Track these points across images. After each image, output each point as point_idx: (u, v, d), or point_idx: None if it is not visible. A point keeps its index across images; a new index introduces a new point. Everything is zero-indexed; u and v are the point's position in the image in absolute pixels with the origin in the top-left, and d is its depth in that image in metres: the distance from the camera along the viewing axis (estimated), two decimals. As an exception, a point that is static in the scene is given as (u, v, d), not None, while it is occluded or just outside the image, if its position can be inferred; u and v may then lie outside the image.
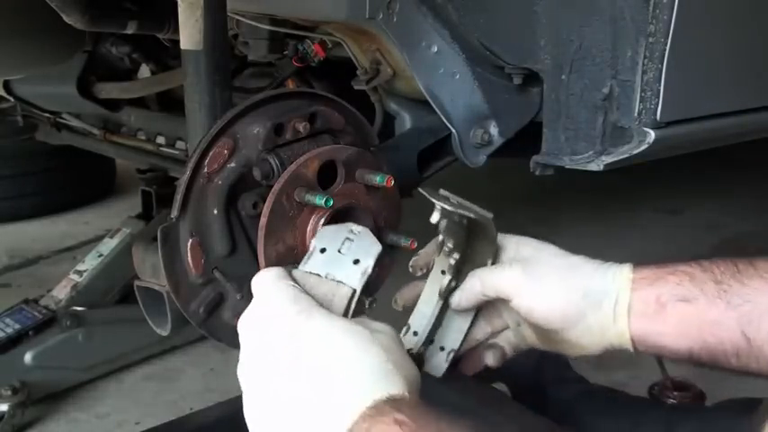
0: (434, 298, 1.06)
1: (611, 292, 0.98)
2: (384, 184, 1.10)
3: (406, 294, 1.13)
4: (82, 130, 2.34)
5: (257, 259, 1.06)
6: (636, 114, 1.13)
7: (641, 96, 1.13)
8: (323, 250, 0.90)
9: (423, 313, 1.07)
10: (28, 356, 2.05)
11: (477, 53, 1.26)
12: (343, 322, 0.84)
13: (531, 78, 1.25)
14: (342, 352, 0.80)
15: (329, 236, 0.92)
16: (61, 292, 2.26)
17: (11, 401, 1.93)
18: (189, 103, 1.20)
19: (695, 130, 1.24)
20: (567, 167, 1.21)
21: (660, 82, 1.12)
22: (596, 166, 1.18)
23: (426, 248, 1.12)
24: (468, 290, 1.04)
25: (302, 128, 1.10)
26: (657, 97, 1.13)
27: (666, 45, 1.11)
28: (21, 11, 1.63)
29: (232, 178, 1.07)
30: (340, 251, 0.90)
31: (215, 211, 1.06)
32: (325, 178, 1.09)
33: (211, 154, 1.06)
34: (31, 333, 2.08)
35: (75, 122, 2.33)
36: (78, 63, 1.90)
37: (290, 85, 1.61)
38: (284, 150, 1.09)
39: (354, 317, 0.88)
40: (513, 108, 1.29)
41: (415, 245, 1.12)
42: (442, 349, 1.07)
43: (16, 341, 2.06)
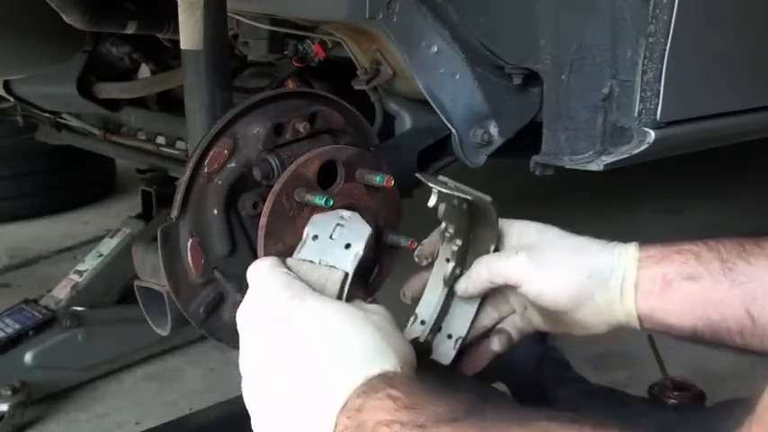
0: (440, 286, 1.06)
1: (617, 270, 0.99)
2: (384, 184, 1.10)
3: (413, 285, 1.14)
4: (82, 130, 2.34)
5: (257, 259, 1.06)
6: (636, 114, 1.14)
7: (641, 96, 1.13)
8: (315, 237, 0.92)
9: (429, 302, 1.07)
10: (28, 356, 2.05)
11: (478, 53, 1.26)
12: (336, 304, 0.86)
13: (531, 78, 1.25)
14: (334, 332, 0.82)
15: (321, 223, 0.93)
16: (61, 292, 2.26)
17: (11, 401, 1.93)
18: (189, 103, 1.20)
19: (695, 130, 1.24)
20: (567, 167, 1.21)
21: (660, 82, 1.12)
22: (596, 166, 1.18)
23: (430, 237, 1.13)
24: (475, 277, 1.05)
25: (302, 128, 1.10)
26: (657, 97, 1.13)
27: (666, 45, 1.11)
28: (21, 11, 1.63)
29: (232, 178, 1.07)
30: (332, 237, 0.91)
31: (215, 211, 1.06)
32: (326, 178, 1.09)
33: (211, 154, 1.06)
34: (31, 333, 2.08)
35: (75, 122, 2.33)
36: (78, 63, 1.90)
37: (290, 85, 1.61)
38: (284, 150, 1.09)
39: (349, 300, 0.89)
40: (513, 108, 1.29)
41: (415, 245, 1.12)
42: (449, 337, 1.08)
43: (16, 341, 2.06)
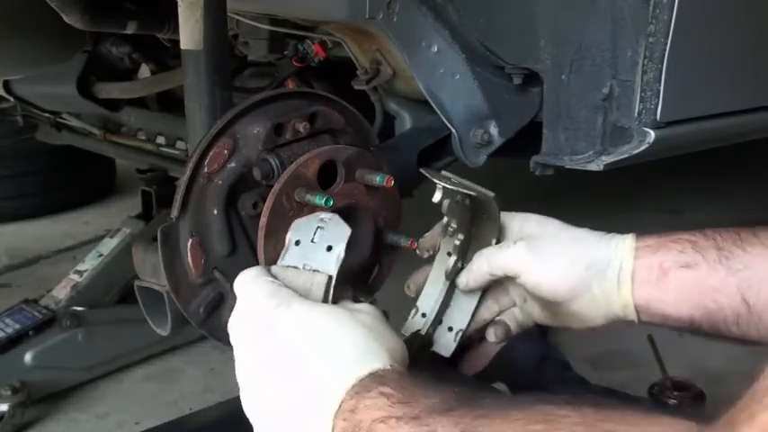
0: (441, 279, 1.07)
1: (614, 260, 0.99)
2: (384, 184, 1.10)
3: (417, 279, 1.14)
4: (82, 130, 2.34)
5: (257, 259, 1.06)
6: (636, 114, 1.14)
7: (641, 96, 1.13)
8: (297, 242, 0.92)
9: (430, 295, 1.08)
10: (28, 356, 2.05)
11: (478, 53, 1.26)
12: (322, 307, 0.86)
13: (531, 78, 1.25)
14: (321, 336, 0.82)
15: (302, 227, 0.93)
16: (61, 292, 2.26)
17: (11, 401, 1.93)
18: (189, 103, 1.20)
19: (695, 130, 1.24)
20: (567, 167, 1.21)
21: (660, 82, 1.12)
22: (596, 166, 1.18)
23: (432, 231, 1.13)
24: (476, 270, 1.06)
25: (302, 128, 1.10)
26: (657, 97, 1.13)
27: (666, 45, 1.11)
28: (21, 11, 1.63)
29: (232, 178, 1.07)
30: (313, 240, 0.91)
31: (215, 211, 1.06)
32: (326, 178, 1.09)
33: (211, 154, 1.06)
34: (31, 333, 2.08)
35: (75, 122, 2.33)
36: (78, 63, 1.90)
37: (290, 85, 1.61)
38: (284, 150, 1.09)
39: (336, 302, 0.90)
40: (513, 108, 1.29)
41: (416, 245, 1.13)
42: (450, 329, 1.09)
43: (16, 341, 2.06)
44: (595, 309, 1.01)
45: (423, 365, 1.03)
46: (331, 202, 1.05)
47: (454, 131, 1.29)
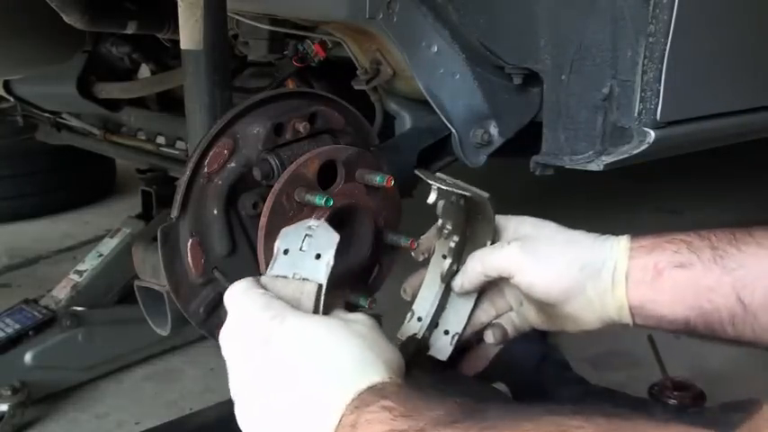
0: (436, 282, 1.07)
1: (608, 261, 0.99)
2: (384, 184, 1.10)
3: (413, 282, 1.14)
4: (82, 130, 2.34)
5: (257, 259, 1.06)
6: (636, 114, 1.14)
7: (641, 96, 1.13)
8: (286, 251, 0.91)
9: (426, 298, 1.08)
10: (28, 356, 2.05)
11: (478, 53, 1.26)
12: (316, 319, 0.84)
13: (531, 78, 1.25)
14: (317, 349, 0.80)
15: (290, 236, 0.92)
16: (61, 292, 2.26)
17: (11, 401, 1.93)
18: (189, 103, 1.20)
19: (695, 130, 1.24)
20: (567, 167, 1.21)
21: (660, 82, 1.12)
22: (596, 166, 1.18)
23: (428, 234, 1.13)
24: (470, 272, 1.05)
25: (302, 128, 1.10)
26: (657, 97, 1.13)
27: (666, 45, 1.11)
28: (21, 11, 1.63)
29: (232, 178, 1.07)
30: (302, 249, 0.90)
31: (215, 211, 1.06)
32: (325, 178, 1.10)
33: (211, 154, 1.06)
34: (31, 333, 2.08)
35: (75, 122, 2.33)
36: (78, 63, 1.90)
37: (290, 85, 1.61)
38: (284, 150, 1.09)
39: (329, 310, 0.88)
40: (513, 108, 1.29)
41: (416, 245, 1.13)
42: (446, 333, 1.08)
43: (16, 341, 2.05)
44: (590, 311, 1.01)
45: (420, 370, 1.03)
46: (331, 202, 1.05)
47: (454, 131, 1.29)
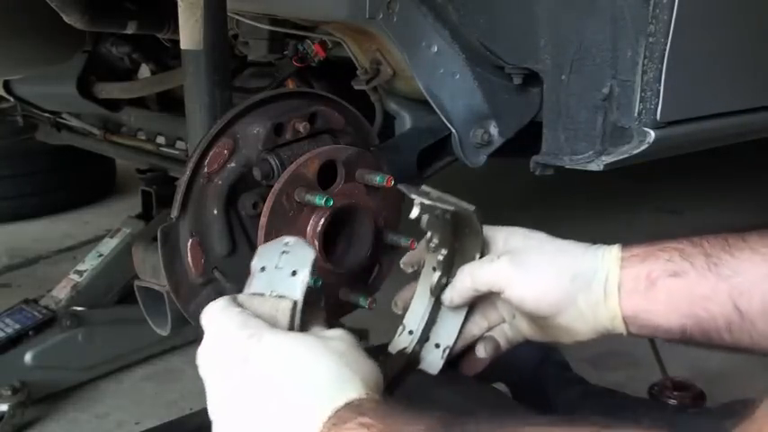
0: (427, 296, 1.06)
1: (600, 271, 0.97)
2: (384, 184, 1.10)
3: (404, 295, 1.12)
4: (82, 130, 2.34)
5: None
6: (636, 114, 1.14)
7: (641, 96, 1.13)
8: (263, 269, 0.90)
9: (416, 311, 1.06)
10: (28, 356, 2.05)
11: (478, 53, 1.26)
12: (293, 337, 0.84)
13: (531, 78, 1.25)
14: (294, 367, 0.80)
15: (266, 253, 0.92)
16: (61, 292, 2.26)
17: (11, 401, 1.93)
18: (189, 103, 1.20)
19: (695, 130, 1.24)
20: (567, 167, 1.21)
21: (660, 82, 1.12)
22: (596, 166, 1.18)
23: (417, 246, 1.12)
24: (459, 286, 1.04)
25: (302, 128, 1.10)
26: (657, 97, 1.13)
27: (666, 45, 1.11)
28: (21, 11, 1.63)
29: (232, 178, 1.07)
30: (278, 266, 0.89)
31: (215, 211, 1.06)
32: (325, 178, 1.10)
33: (211, 154, 1.06)
34: (31, 333, 2.08)
35: (75, 122, 2.33)
36: (78, 63, 1.90)
37: (290, 85, 1.61)
38: (284, 150, 1.10)
39: (306, 327, 0.88)
40: (513, 108, 1.29)
41: (416, 245, 1.12)
42: (437, 346, 1.07)
43: (16, 341, 2.05)
44: (583, 322, 0.99)
45: (410, 383, 1.03)
46: (331, 202, 1.05)
47: (454, 131, 1.28)
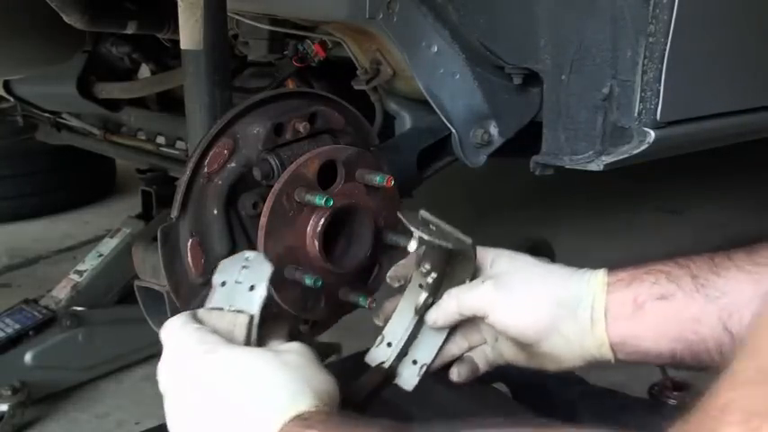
0: (410, 312, 1.04)
1: (585, 297, 0.95)
2: (384, 184, 1.10)
3: (387, 309, 1.10)
4: (82, 130, 2.34)
5: (257, 259, 1.06)
6: (636, 114, 1.14)
7: (641, 96, 1.13)
8: (223, 283, 0.92)
9: (398, 325, 1.05)
10: (28, 356, 2.05)
11: (478, 53, 1.26)
12: (246, 352, 0.85)
13: (531, 78, 1.25)
14: (244, 381, 0.81)
15: (227, 268, 0.93)
16: (61, 292, 2.26)
17: (11, 401, 1.93)
18: (189, 103, 1.20)
19: (695, 130, 1.24)
20: (567, 167, 1.21)
21: (660, 82, 1.12)
22: (596, 166, 1.18)
23: (405, 260, 1.10)
24: (445, 309, 1.02)
25: (302, 128, 1.10)
26: (657, 97, 1.13)
27: (666, 45, 1.11)
28: (21, 11, 1.63)
29: (232, 178, 1.07)
30: (237, 281, 0.91)
31: (215, 211, 1.06)
32: (325, 178, 1.10)
33: (211, 154, 1.06)
34: (31, 333, 2.08)
35: (75, 122, 2.33)
36: (78, 63, 1.90)
37: (290, 85, 1.61)
38: (284, 150, 1.09)
39: (264, 341, 0.89)
40: (513, 108, 1.29)
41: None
42: (414, 363, 1.05)
43: (16, 341, 2.05)
44: (568, 350, 0.97)
45: (385, 397, 1.03)
46: (331, 202, 1.05)
47: (454, 131, 1.28)
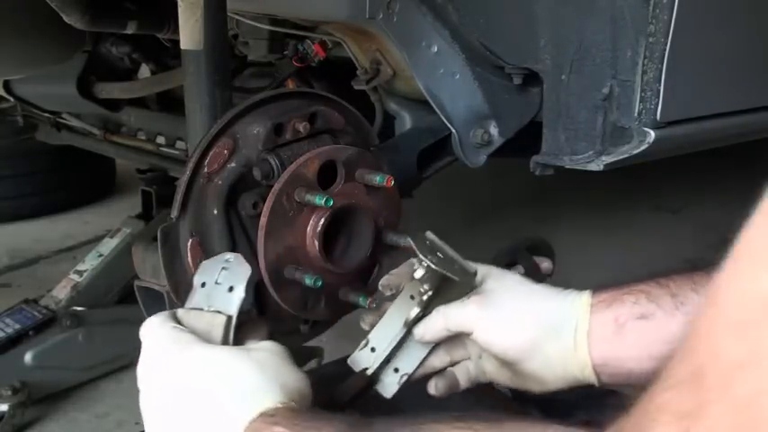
0: (399, 322, 1.04)
1: (569, 319, 0.96)
2: (384, 184, 1.10)
3: (374, 314, 1.10)
4: (82, 130, 2.34)
5: (257, 259, 1.06)
6: (636, 114, 1.14)
7: (641, 96, 1.13)
8: (203, 284, 0.93)
9: (384, 333, 1.05)
10: (28, 356, 2.05)
11: (478, 53, 1.26)
12: (218, 350, 0.86)
13: (531, 78, 1.25)
14: (213, 379, 0.82)
15: (208, 269, 0.94)
16: (61, 292, 2.26)
17: (11, 401, 1.93)
18: (189, 103, 1.20)
19: (695, 130, 1.24)
20: (567, 167, 1.21)
21: (660, 82, 1.12)
22: (596, 166, 1.18)
23: (398, 270, 1.10)
24: (432, 325, 1.02)
25: (302, 128, 1.10)
26: (657, 97, 1.13)
27: (666, 45, 1.11)
28: (21, 11, 1.63)
29: (232, 178, 1.07)
30: (217, 282, 0.92)
31: (215, 211, 1.06)
32: (325, 178, 1.10)
33: (211, 154, 1.06)
34: (31, 333, 2.07)
35: (75, 122, 2.33)
36: (78, 63, 1.90)
37: (290, 85, 1.61)
38: (284, 150, 1.10)
39: (241, 341, 0.90)
40: (513, 108, 1.29)
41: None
42: (396, 371, 1.06)
43: (16, 341, 2.05)
44: (551, 372, 0.97)
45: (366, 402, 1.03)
46: (331, 202, 1.05)
47: (454, 131, 1.28)
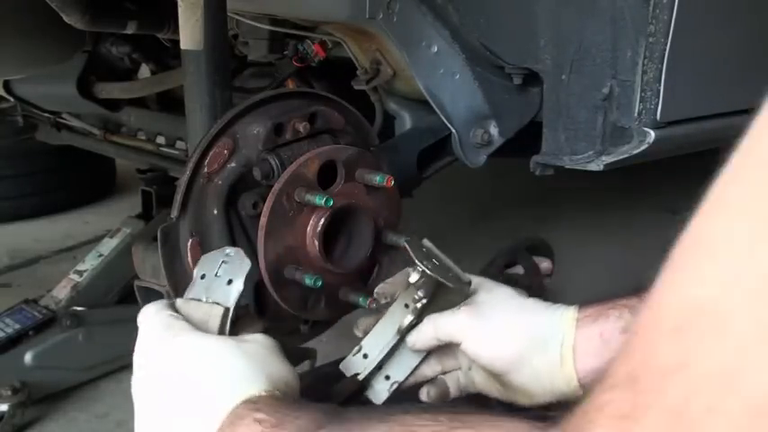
0: (392, 330, 1.05)
1: (556, 333, 0.97)
2: (384, 184, 1.10)
3: (368, 321, 1.11)
4: (82, 130, 2.34)
5: (257, 259, 1.06)
6: (636, 114, 1.14)
7: (641, 96, 1.13)
8: (203, 276, 0.94)
9: (377, 340, 1.06)
10: (28, 356, 2.05)
11: (478, 53, 1.26)
12: (209, 338, 0.87)
13: (531, 78, 1.25)
14: (202, 365, 0.83)
15: (208, 262, 0.95)
16: (61, 292, 2.25)
17: (11, 401, 1.93)
18: (189, 103, 1.20)
19: (695, 130, 1.24)
20: (566, 167, 1.21)
21: (660, 82, 1.12)
22: (596, 166, 1.18)
23: (394, 279, 1.11)
24: (423, 333, 1.04)
25: (302, 128, 1.10)
26: (657, 97, 1.13)
27: (666, 45, 1.11)
28: (21, 11, 1.63)
29: (232, 178, 1.07)
30: (217, 274, 0.93)
31: (215, 211, 1.06)
32: (326, 178, 1.10)
33: (211, 154, 1.06)
34: (31, 333, 2.07)
35: (75, 122, 2.33)
36: (78, 63, 1.90)
37: (290, 85, 1.61)
38: (284, 150, 1.10)
39: (237, 333, 0.91)
40: (514, 108, 1.29)
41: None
42: (387, 378, 1.06)
43: (16, 341, 2.05)
44: (539, 385, 0.98)
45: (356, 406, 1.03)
46: (331, 202, 1.05)
47: (454, 131, 1.29)
